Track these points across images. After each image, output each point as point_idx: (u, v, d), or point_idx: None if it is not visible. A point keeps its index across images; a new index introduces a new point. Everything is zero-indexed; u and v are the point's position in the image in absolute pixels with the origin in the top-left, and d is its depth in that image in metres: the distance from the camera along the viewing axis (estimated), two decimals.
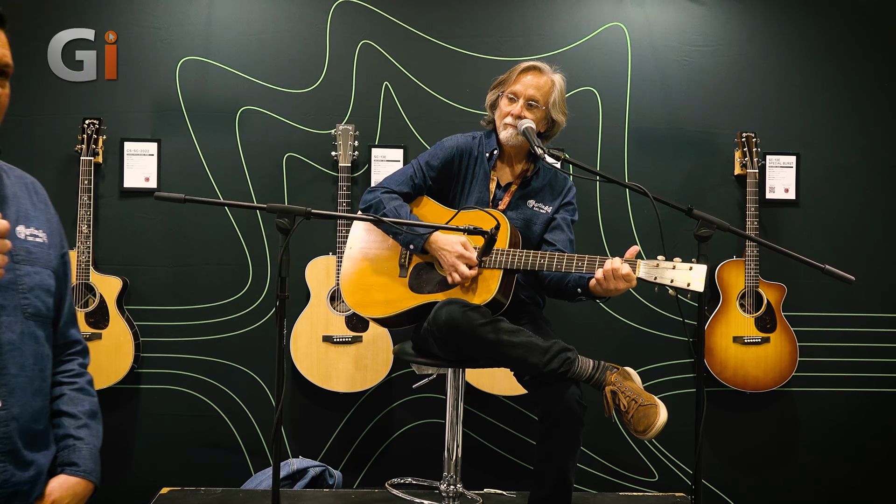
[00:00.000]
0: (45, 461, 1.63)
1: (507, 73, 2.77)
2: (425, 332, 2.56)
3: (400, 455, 3.54)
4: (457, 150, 2.80)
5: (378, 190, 2.76)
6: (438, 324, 2.44)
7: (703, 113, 3.57)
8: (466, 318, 2.42)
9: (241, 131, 3.50)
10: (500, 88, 2.78)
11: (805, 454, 3.61)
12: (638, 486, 3.56)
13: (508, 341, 2.42)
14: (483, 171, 2.79)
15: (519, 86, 2.72)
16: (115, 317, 3.32)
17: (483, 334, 2.42)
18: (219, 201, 3.44)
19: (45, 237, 1.65)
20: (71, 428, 1.70)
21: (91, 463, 1.71)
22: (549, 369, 2.39)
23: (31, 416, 1.58)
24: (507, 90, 2.74)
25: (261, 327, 3.51)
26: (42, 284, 1.61)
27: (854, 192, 3.60)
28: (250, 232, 3.51)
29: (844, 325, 3.58)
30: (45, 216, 1.70)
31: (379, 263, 2.76)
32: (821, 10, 3.59)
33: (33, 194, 1.69)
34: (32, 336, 1.58)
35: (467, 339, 2.43)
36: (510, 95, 2.73)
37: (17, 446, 1.54)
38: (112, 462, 3.46)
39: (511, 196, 2.79)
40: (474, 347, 2.46)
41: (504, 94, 2.74)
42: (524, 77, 2.73)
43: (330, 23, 3.50)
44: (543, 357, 2.40)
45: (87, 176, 3.31)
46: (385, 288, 2.71)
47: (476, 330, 2.42)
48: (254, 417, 3.52)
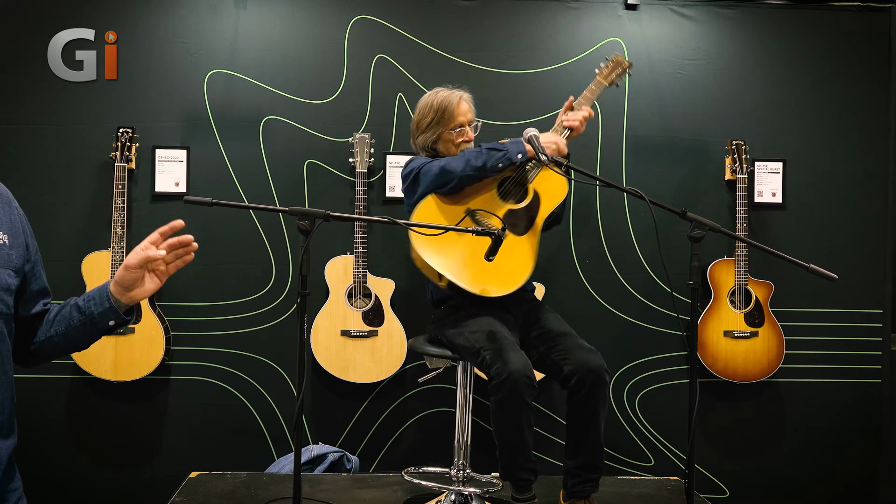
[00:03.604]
0: (5, 450, 1.60)
1: (439, 112, 2.81)
2: (480, 361, 2.54)
3: (413, 441, 3.55)
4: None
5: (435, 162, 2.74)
6: (507, 372, 2.44)
7: (696, 122, 3.58)
8: (526, 391, 2.46)
9: (265, 139, 3.50)
10: (437, 129, 2.82)
11: (791, 440, 3.63)
12: (634, 471, 3.58)
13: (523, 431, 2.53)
14: None
15: (462, 117, 2.83)
16: (147, 312, 3.34)
17: (524, 412, 2.50)
18: (244, 205, 3.42)
19: (7, 238, 1.60)
20: (73, 301, 1.69)
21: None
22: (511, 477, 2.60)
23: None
24: (453, 125, 2.81)
25: (283, 322, 3.51)
26: (2, 284, 1.57)
27: (836, 196, 3.61)
28: (273, 233, 3.51)
29: (827, 319, 3.60)
30: (8, 217, 1.64)
31: (470, 247, 2.64)
32: (806, 26, 3.61)
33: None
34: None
35: (512, 402, 2.47)
36: (458, 126, 2.81)
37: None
38: (144, 448, 3.50)
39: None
40: (508, 411, 2.50)
41: (449, 129, 2.81)
42: (461, 107, 2.83)
43: (348, 38, 3.51)
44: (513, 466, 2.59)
45: (121, 181, 3.32)
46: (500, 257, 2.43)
47: (522, 407, 2.48)
48: (276, 406, 3.52)
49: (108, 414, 3.49)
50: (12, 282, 1.61)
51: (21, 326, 1.70)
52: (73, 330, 1.68)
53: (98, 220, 3.44)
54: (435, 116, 2.83)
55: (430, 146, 2.88)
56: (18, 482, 1.67)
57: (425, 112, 2.85)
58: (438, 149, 2.88)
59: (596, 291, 3.59)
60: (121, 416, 3.49)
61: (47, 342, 1.70)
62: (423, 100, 2.91)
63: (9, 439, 1.62)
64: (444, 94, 2.85)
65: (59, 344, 1.70)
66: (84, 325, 1.67)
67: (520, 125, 3.44)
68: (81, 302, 1.68)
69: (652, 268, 3.59)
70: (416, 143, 2.93)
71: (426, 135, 2.86)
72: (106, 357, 3.32)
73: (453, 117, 2.82)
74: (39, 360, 1.74)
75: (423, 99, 2.91)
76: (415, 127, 2.91)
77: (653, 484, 3.18)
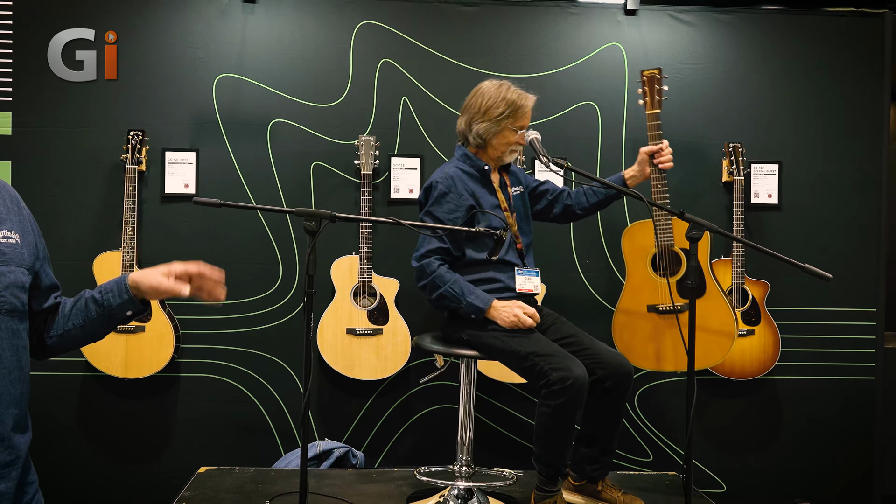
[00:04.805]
0: (23, 444, 1.62)
1: (511, 108, 2.71)
2: (530, 366, 2.57)
3: (417, 438, 3.56)
4: (454, 185, 2.74)
5: (431, 265, 2.69)
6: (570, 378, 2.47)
7: (694, 125, 3.59)
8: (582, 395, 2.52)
9: (272, 142, 3.51)
10: (504, 123, 2.72)
11: (787, 436, 3.64)
12: (634, 466, 3.59)
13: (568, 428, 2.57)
14: (483, 185, 2.81)
15: (526, 120, 2.77)
16: (157, 311, 3.34)
17: (578, 415, 2.56)
18: (252, 206, 3.43)
19: (18, 237, 1.63)
20: (88, 294, 1.76)
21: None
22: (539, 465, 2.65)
23: (9, 403, 1.57)
24: (519, 125, 2.73)
25: (290, 321, 3.52)
26: (16, 282, 1.59)
27: (831, 198, 3.62)
28: (280, 234, 3.52)
29: (822, 318, 3.60)
30: (18, 217, 1.67)
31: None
32: (801, 31, 3.62)
33: (5, 197, 1.67)
34: (9, 330, 1.57)
35: (573, 408, 2.50)
36: (520, 128, 2.75)
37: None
38: (153, 444, 3.51)
39: (511, 195, 2.88)
40: (566, 412, 2.52)
41: (514, 127, 2.73)
42: (530, 110, 2.77)
43: (353, 43, 3.53)
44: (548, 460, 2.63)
45: (131, 182, 3.32)
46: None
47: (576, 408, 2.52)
48: (283, 403, 3.53)
49: (118, 410, 3.50)
50: (26, 280, 1.64)
51: (35, 320, 1.74)
52: (92, 322, 1.74)
53: (109, 221, 3.46)
54: (506, 110, 2.70)
55: (486, 137, 2.75)
56: (34, 476, 1.70)
57: (496, 103, 2.70)
58: (492, 142, 2.76)
59: (595, 290, 3.60)
60: (131, 412, 3.51)
61: (66, 335, 1.75)
62: (490, 90, 2.75)
63: (26, 434, 1.65)
64: (516, 91, 2.73)
65: (79, 336, 1.76)
66: (102, 316, 1.74)
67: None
68: (98, 295, 1.75)
69: None
70: (471, 129, 2.77)
71: (489, 125, 2.72)
72: (117, 355, 3.34)
73: (523, 117, 2.74)
74: (56, 353, 1.80)
75: (488, 88, 2.76)
76: (478, 112, 2.74)
77: (652, 479, 3.19)
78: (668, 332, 3.11)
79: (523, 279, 2.79)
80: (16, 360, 1.60)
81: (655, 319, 3.14)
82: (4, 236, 1.60)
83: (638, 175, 2.99)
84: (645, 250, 3.20)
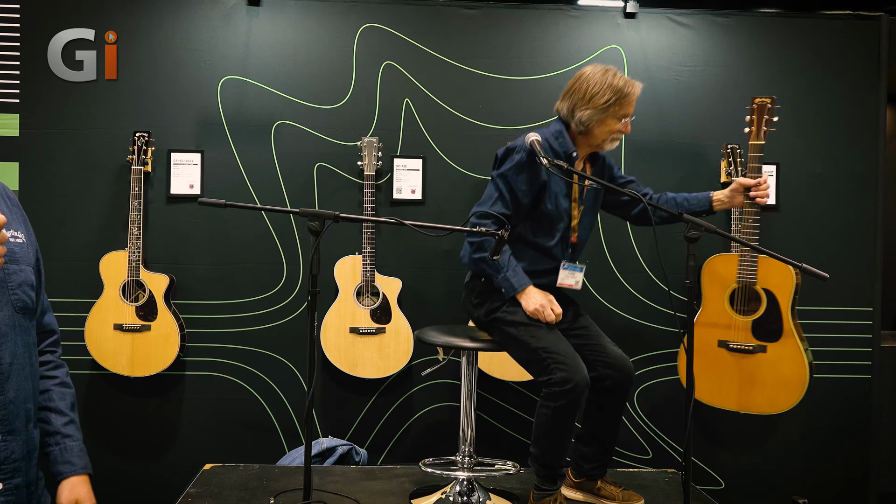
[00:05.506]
0: (38, 438, 1.67)
1: (618, 96, 2.60)
2: (538, 361, 2.57)
3: (419, 435, 3.57)
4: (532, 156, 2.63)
5: (490, 223, 2.63)
6: (573, 381, 2.48)
7: (693, 126, 3.60)
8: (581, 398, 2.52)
9: (277, 143, 3.53)
10: (613, 110, 2.61)
11: (784, 433, 3.64)
12: (633, 463, 3.60)
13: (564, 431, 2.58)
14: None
15: (632, 107, 2.66)
16: (162, 310, 3.37)
17: (576, 416, 2.56)
18: (256, 206, 3.45)
19: (24, 237, 1.65)
20: (59, 425, 1.74)
21: (84, 457, 1.77)
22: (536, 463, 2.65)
23: (25, 398, 1.60)
24: (623, 112, 2.63)
25: (294, 320, 3.53)
26: (27, 280, 1.62)
27: (828, 198, 3.63)
28: (284, 234, 3.54)
29: (819, 317, 3.60)
30: (21, 218, 1.69)
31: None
32: (798, 34, 3.63)
33: (6, 198, 1.67)
34: (22, 327, 1.60)
35: (572, 409, 2.51)
36: (624, 116, 2.65)
37: (14, 426, 1.57)
38: (159, 441, 3.53)
39: (586, 188, 2.78)
40: (563, 413, 2.53)
41: (619, 116, 2.64)
42: (635, 99, 2.66)
43: (356, 46, 3.54)
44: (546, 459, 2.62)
45: (137, 183, 3.34)
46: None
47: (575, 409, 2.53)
48: (287, 401, 3.55)
49: (125, 408, 3.52)
50: (34, 278, 1.65)
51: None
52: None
53: (115, 222, 3.47)
54: (612, 98, 2.59)
55: (589, 125, 2.64)
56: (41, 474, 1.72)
57: (602, 90, 2.59)
58: (594, 130, 2.66)
59: (596, 290, 3.61)
60: (137, 410, 3.53)
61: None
62: (595, 76, 2.63)
63: (37, 428, 1.68)
64: (623, 78, 2.62)
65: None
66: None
67: (522, 129, 3.48)
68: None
69: (650, 267, 3.62)
70: (573, 115, 2.65)
71: (593, 112, 2.61)
72: (123, 353, 3.36)
73: (629, 105, 2.64)
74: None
75: (593, 74, 2.64)
76: (582, 98, 2.62)
77: (651, 476, 3.20)
78: (735, 371, 3.02)
79: (566, 274, 2.75)
80: (28, 357, 1.62)
81: (724, 356, 3.06)
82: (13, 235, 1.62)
83: (726, 201, 2.84)
84: (725, 283, 3.09)
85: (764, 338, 2.39)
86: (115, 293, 3.36)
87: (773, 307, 2.94)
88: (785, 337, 2.98)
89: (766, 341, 2.97)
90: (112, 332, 3.35)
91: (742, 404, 3.04)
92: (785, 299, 3.00)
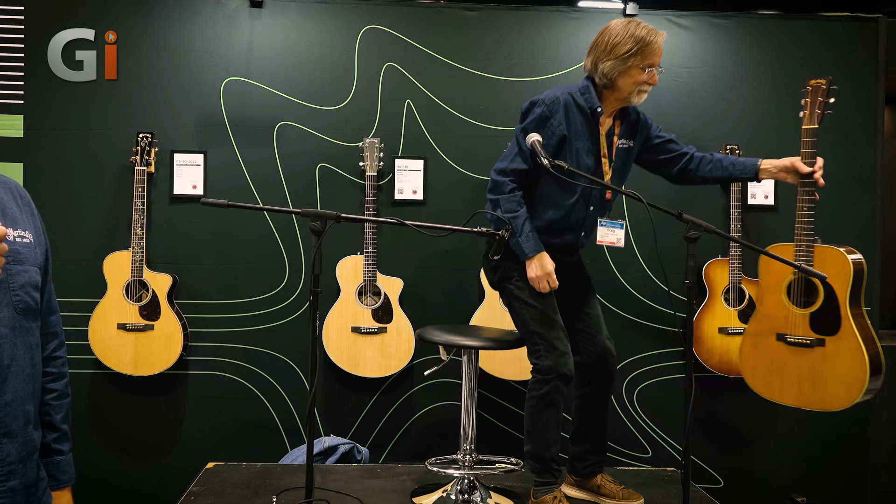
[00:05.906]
0: (38, 440, 1.65)
1: (640, 45, 2.54)
2: (531, 343, 2.64)
3: (421, 433, 3.58)
4: (557, 111, 2.60)
5: (506, 186, 2.61)
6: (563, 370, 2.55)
7: (692, 127, 3.61)
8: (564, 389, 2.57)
9: (279, 144, 3.53)
10: (635, 59, 2.55)
11: (783, 432, 3.66)
12: (633, 462, 3.61)
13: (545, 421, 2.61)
14: (587, 124, 2.64)
15: (657, 57, 2.59)
16: (165, 310, 3.37)
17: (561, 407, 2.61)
18: (258, 206, 3.46)
19: (31, 237, 1.63)
20: (50, 440, 1.73)
21: (70, 469, 1.77)
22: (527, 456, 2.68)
23: (23, 400, 1.58)
24: (647, 62, 2.57)
25: (296, 319, 3.54)
26: (31, 281, 1.60)
27: (826, 198, 3.60)
28: (286, 234, 3.54)
29: None
30: (30, 217, 1.67)
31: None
32: (797, 35, 3.64)
33: (18, 198, 1.66)
34: (23, 328, 1.58)
35: (553, 398, 2.57)
36: (649, 67, 2.58)
37: (10, 428, 1.55)
38: (163, 440, 3.54)
39: (616, 145, 2.73)
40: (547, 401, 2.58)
41: (642, 66, 2.57)
42: (660, 47, 2.59)
43: (358, 47, 3.55)
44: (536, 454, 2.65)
45: (140, 184, 3.35)
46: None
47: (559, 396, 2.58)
48: (290, 400, 3.55)
49: (128, 407, 3.53)
50: (39, 279, 1.65)
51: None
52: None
53: (118, 222, 3.48)
54: (634, 47, 2.53)
55: (612, 76, 2.59)
56: (43, 473, 1.71)
57: (624, 39, 2.54)
58: (618, 83, 2.60)
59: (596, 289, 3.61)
60: (140, 409, 3.54)
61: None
62: (617, 27, 2.59)
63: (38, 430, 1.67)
64: (645, 27, 2.56)
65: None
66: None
67: None
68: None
69: (650, 267, 3.63)
70: (598, 68, 2.61)
71: (616, 63, 2.55)
72: (126, 353, 3.37)
73: (652, 54, 2.56)
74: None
75: (617, 26, 2.59)
76: (605, 50, 2.58)
77: (650, 474, 3.21)
78: (794, 365, 2.91)
79: (606, 231, 2.71)
80: (29, 358, 1.61)
81: (783, 350, 2.94)
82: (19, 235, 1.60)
83: (773, 172, 2.80)
84: (782, 276, 2.98)
85: (822, 331, 2.28)
86: (119, 293, 3.37)
87: (830, 299, 2.84)
88: (843, 330, 2.83)
89: (825, 335, 2.86)
90: (115, 331, 3.36)
91: (802, 400, 2.92)
92: (842, 291, 2.85)
